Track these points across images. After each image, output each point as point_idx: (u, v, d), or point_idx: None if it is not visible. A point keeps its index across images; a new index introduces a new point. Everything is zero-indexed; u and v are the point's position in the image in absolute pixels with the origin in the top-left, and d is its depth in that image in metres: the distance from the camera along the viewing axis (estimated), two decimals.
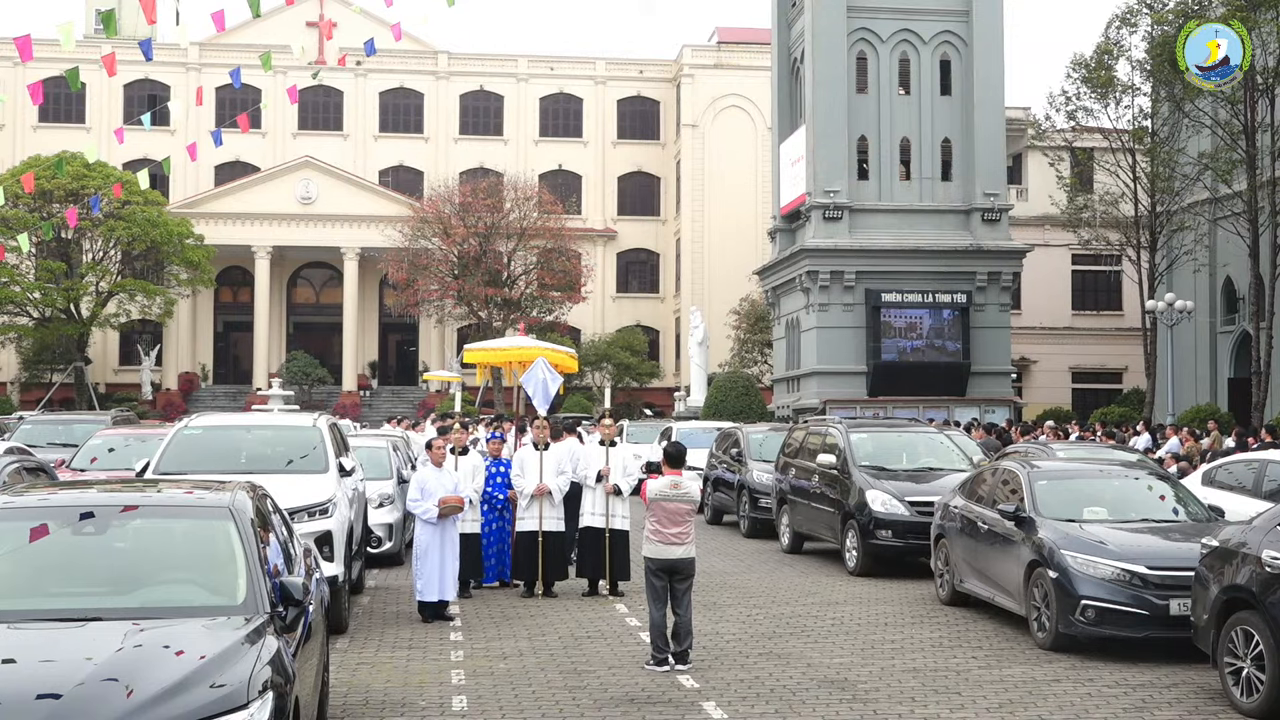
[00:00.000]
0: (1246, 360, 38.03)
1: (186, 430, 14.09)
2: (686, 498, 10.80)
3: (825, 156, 39.55)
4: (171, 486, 8.32)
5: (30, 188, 22.25)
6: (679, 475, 10.95)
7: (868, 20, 40.28)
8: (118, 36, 48.10)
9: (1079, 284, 55.08)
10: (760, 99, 57.43)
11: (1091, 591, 11.01)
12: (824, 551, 18.86)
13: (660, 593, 10.75)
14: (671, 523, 10.69)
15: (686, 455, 11.32)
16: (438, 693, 9.78)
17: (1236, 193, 36.67)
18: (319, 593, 8.21)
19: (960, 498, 14.13)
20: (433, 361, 58.09)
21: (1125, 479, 13.36)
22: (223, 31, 20.50)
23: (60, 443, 22.30)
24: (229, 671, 5.65)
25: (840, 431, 18.32)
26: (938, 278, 39.35)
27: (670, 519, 10.69)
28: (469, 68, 63.65)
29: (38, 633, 6.03)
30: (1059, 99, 41.04)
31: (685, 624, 10.70)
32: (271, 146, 61.03)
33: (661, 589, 10.74)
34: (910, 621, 13.04)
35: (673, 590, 10.73)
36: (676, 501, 10.73)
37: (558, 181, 61.33)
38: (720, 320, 54.92)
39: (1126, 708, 9.41)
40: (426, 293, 51.47)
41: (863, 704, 9.46)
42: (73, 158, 43.44)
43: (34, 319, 50.73)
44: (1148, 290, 40.24)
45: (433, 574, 13.09)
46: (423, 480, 13.47)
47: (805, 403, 39.39)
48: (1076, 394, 53.82)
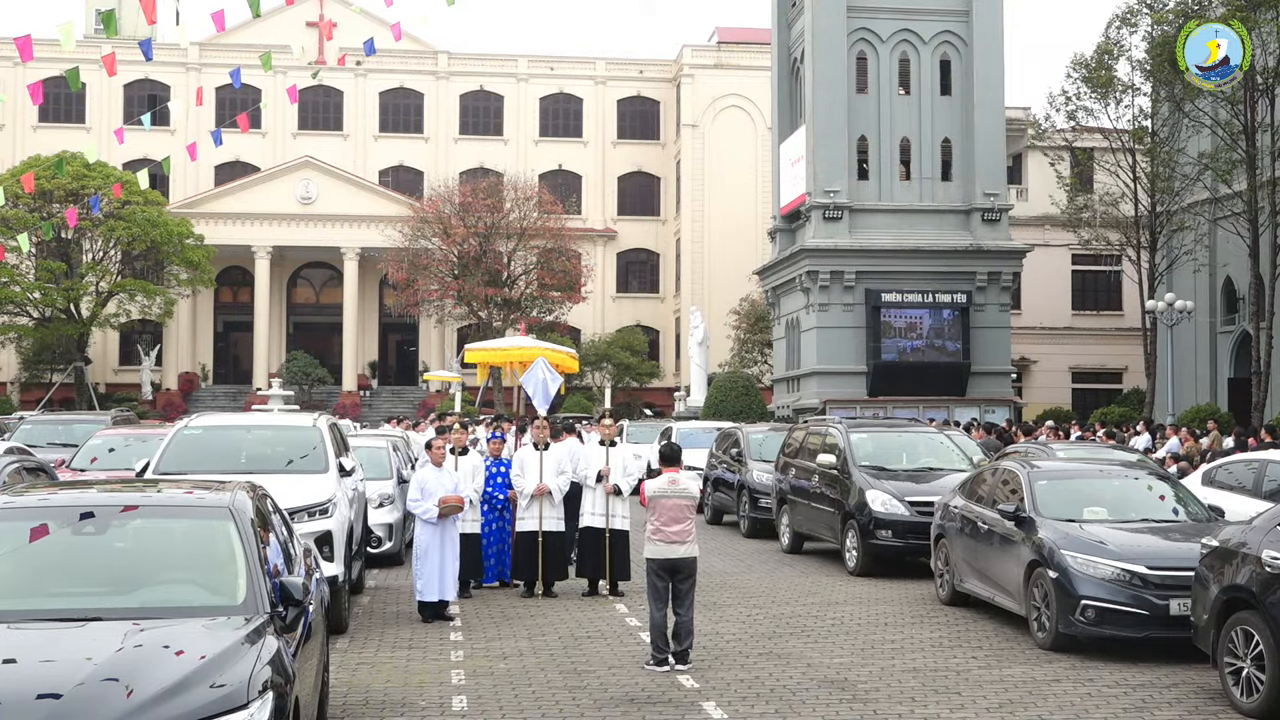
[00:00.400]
0: (1246, 360, 38.03)
1: (186, 430, 14.09)
2: (685, 493, 10.80)
3: (825, 156, 39.55)
4: (171, 486, 8.32)
5: (30, 188, 22.24)
6: (676, 472, 10.95)
7: (868, 20, 40.28)
8: (118, 36, 48.11)
9: (1079, 284, 55.09)
10: (760, 99, 57.44)
11: (1091, 591, 11.01)
12: (824, 551, 18.86)
13: (662, 593, 10.75)
14: (673, 520, 10.69)
15: (682, 455, 11.32)
16: (438, 693, 9.78)
17: (1236, 193, 36.67)
18: (319, 593, 8.21)
19: (960, 498, 14.13)
20: (433, 361, 58.09)
21: (1125, 479, 13.36)
22: (223, 31, 20.50)
23: (60, 443, 22.30)
24: (229, 671, 5.65)
25: (840, 431, 18.32)
26: (938, 278, 39.36)
27: (671, 517, 10.69)
28: (469, 68, 63.66)
29: (38, 633, 6.03)
30: (1059, 99, 41.10)
31: (686, 624, 10.70)
32: (271, 146, 61.04)
33: (663, 589, 10.74)
34: (910, 621, 13.04)
35: (675, 590, 10.73)
36: (675, 498, 10.73)
37: (558, 181, 61.35)
38: (720, 320, 54.93)
39: (1126, 708, 9.41)
40: (426, 293, 51.48)
41: (863, 704, 9.46)
42: (73, 158, 43.45)
43: (34, 319, 50.73)
44: (1148, 290, 40.25)
45: (433, 574, 13.09)
46: (423, 480, 13.47)
47: (805, 403, 39.39)
48: (1076, 394, 53.83)
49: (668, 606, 10.72)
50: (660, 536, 10.72)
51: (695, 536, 10.94)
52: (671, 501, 10.72)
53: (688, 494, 10.85)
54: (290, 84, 27.58)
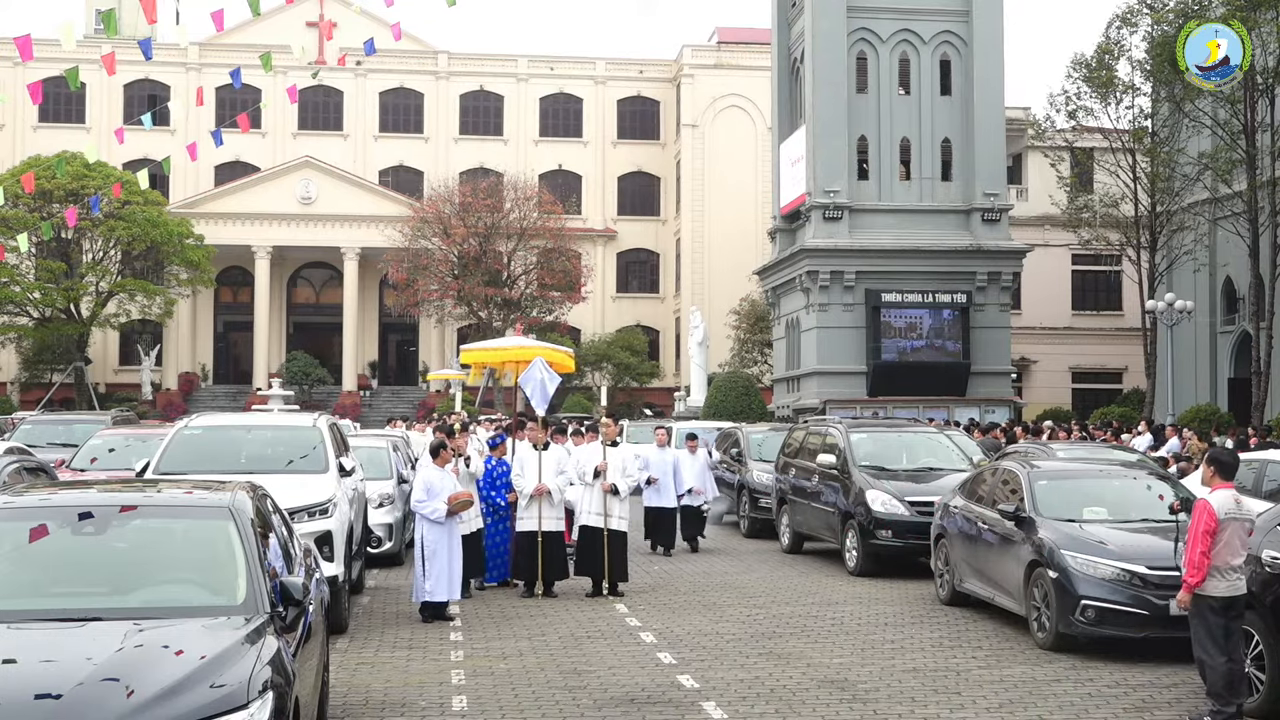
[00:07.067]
0: (1246, 360, 38.02)
1: (186, 430, 14.08)
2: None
3: (825, 156, 39.54)
4: (171, 486, 8.31)
5: (30, 188, 22.27)
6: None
7: (868, 20, 40.27)
8: (118, 36, 48.06)
9: (1079, 284, 55.09)
10: (760, 99, 57.43)
11: (1091, 591, 11.02)
12: (824, 551, 18.85)
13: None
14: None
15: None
16: (438, 693, 9.78)
17: (1236, 193, 36.66)
18: (319, 593, 8.21)
19: (960, 498, 14.13)
20: (433, 362, 58.07)
21: (1125, 479, 13.35)
22: (222, 31, 20.52)
23: (60, 443, 22.28)
24: (229, 671, 5.65)
25: (840, 431, 18.32)
26: (938, 278, 39.34)
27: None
28: (469, 68, 63.65)
29: (38, 633, 6.03)
30: (1059, 99, 41.07)
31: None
32: (271, 146, 61.02)
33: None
34: (910, 621, 13.04)
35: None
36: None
37: (558, 181, 61.36)
38: (720, 320, 54.92)
39: (1126, 708, 9.42)
40: (426, 293, 51.49)
41: (863, 704, 9.46)
42: (73, 158, 43.44)
43: (34, 319, 50.71)
44: (1148, 290, 40.23)
45: (442, 574, 13.10)
46: (428, 480, 13.46)
47: (805, 403, 39.39)
48: (1076, 394, 53.83)
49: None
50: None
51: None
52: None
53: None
54: (290, 84, 27.56)
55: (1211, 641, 8.76)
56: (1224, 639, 8.77)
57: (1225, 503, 8.87)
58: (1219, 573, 8.78)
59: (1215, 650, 8.75)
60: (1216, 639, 8.76)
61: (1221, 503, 8.86)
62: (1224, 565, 8.79)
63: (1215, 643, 8.75)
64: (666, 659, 11.02)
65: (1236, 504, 8.94)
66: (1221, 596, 8.78)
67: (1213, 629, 8.78)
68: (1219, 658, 8.74)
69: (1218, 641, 8.75)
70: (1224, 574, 8.79)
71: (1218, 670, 8.73)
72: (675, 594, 14.98)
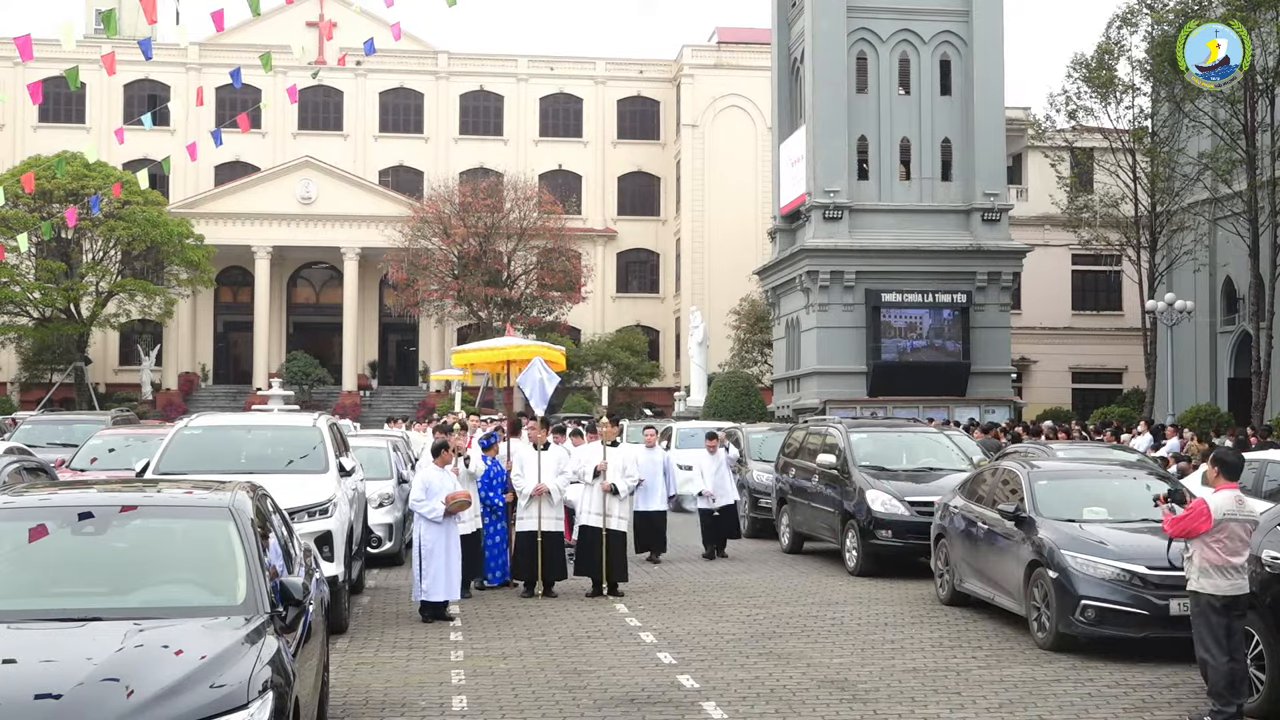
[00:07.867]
0: (1246, 360, 38.01)
1: (186, 430, 14.08)
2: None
3: (825, 156, 39.53)
4: (171, 486, 8.31)
5: (30, 188, 22.26)
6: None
7: (868, 20, 40.26)
8: (118, 36, 48.07)
9: (1079, 284, 55.08)
10: (760, 99, 57.42)
11: (1091, 591, 11.02)
12: (824, 551, 18.85)
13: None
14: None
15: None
16: (438, 693, 9.78)
17: (1236, 193, 36.65)
18: (319, 593, 8.21)
19: (960, 498, 14.13)
20: (432, 362, 58.06)
21: (1125, 479, 13.35)
22: (222, 31, 20.50)
23: (60, 443, 22.27)
24: (229, 671, 5.65)
25: (840, 431, 18.32)
26: (938, 278, 39.33)
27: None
28: (469, 68, 63.65)
29: (38, 633, 6.03)
30: (1059, 99, 41.06)
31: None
32: (271, 146, 61.02)
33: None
34: (910, 621, 13.04)
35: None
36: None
37: (558, 181, 61.35)
38: (720, 320, 54.91)
39: (1126, 708, 9.41)
40: (426, 293, 51.49)
41: (863, 704, 9.46)
42: (73, 158, 43.42)
43: (34, 319, 50.71)
44: (1148, 290, 40.22)
45: (439, 574, 13.10)
46: (427, 480, 13.46)
47: (805, 403, 39.38)
48: (1076, 394, 53.82)
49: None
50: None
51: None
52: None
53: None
54: (290, 84, 27.56)
55: (1214, 641, 8.77)
56: (1226, 638, 8.78)
57: (1226, 503, 8.87)
58: (1221, 572, 8.79)
59: (1218, 650, 8.75)
60: (1219, 638, 8.76)
61: (1222, 503, 8.85)
62: (1225, 565, 8.79)
63: (1217, 642, 8.76)
64: (666, 659, 11.02)
65: (1239, 504, 8.94)
66: (1224, 596, 8.79)
67: (1215, 628, 8.78)
68: (1221, 657, 8.74)
69: (1220, 641, 8.76)
70: (1226, 573, 8.79)
71: (1220, 670, 8.73)
72: (675, 594, 14.99)
